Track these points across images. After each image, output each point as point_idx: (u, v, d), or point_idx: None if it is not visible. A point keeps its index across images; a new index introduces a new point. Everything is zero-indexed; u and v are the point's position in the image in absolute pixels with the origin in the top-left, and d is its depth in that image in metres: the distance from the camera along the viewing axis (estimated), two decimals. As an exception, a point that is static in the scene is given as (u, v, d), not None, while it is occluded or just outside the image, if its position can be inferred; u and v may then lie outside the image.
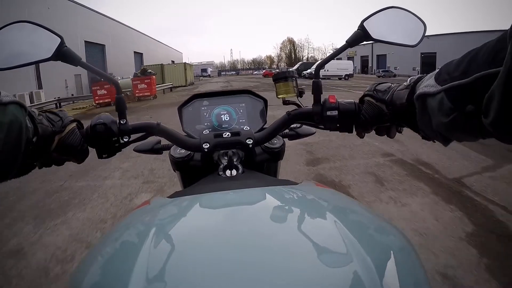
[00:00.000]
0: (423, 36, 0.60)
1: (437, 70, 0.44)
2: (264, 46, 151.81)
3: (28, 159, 0.50)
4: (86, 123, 0.61)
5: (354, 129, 0.64)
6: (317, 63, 0.66)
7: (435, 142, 0.50)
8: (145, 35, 35.28)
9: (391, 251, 0.36)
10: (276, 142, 0.76)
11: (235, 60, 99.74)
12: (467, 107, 0.36)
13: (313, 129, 0.78)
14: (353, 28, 0.61)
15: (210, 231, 0.38)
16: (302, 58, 77.71)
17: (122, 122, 0.60)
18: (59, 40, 0.54)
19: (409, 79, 0.53)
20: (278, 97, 0.68)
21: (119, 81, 0.63)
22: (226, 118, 0.77)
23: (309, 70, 32.59)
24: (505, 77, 0.29)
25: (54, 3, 16.71)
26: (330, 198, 0.52)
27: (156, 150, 0.79)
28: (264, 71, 53.26)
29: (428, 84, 0.43)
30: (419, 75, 0.51)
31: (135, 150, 0.78)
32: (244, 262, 0.31)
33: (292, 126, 0.77)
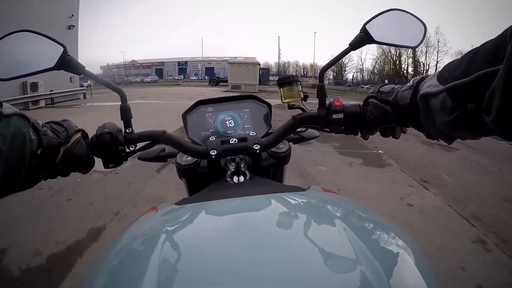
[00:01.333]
0: (424, 36, 0.61)
1: (439, 70, 0.45)
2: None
3: (33, 171, 0.48)
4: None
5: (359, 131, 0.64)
6: (322, 67, 0.66)
7: (439, 141, 0.50)
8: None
9: (402, 258, 0.36)
10: (282, 146, 0.76)
11: (285, 62, 64.09)
12: (468, 105, 0.37)
13: (317, 132, 0.79)
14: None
15: (221, 238, 0.38)
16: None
17: (128, 131, 0.60)
18: (62, 49, 0.53)
19: (412, 79, 0.53)
20: (283, 102, 0.69)
21: None
22: (231, 124, 0.77)
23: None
24: (505, 75, 0.29)
25: None
26: (338, 204, 0.52)
27: (161, 158, 0.78)
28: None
29: (431, 84, 0.44)
30: (423, 75, 0.52)
31: (140, 158, 0.78)
32: (255, 270, 0.31)
33: (297, 130, 0.77)
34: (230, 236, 0.39)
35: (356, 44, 0.61)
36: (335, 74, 53.07)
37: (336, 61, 0.66)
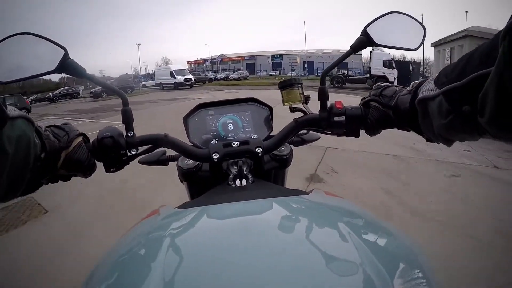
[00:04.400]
0: (423, 39, 0.61)
1: (437, 74, 0.45)
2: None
3: (36, 176, 0.47)
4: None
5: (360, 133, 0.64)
6: (323, 70, 0.67)
7: (439, 143, 0.50)
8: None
9: (405, 261, 0.36)
10: (284, 149, 0.76)
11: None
12: (463, 108, 0.37)
13: (318, 135, 0.79)
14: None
15: (224, 243, 0.38)
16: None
17: (129, 134, 0.59)
18: (63, 52, 0.52)
19: (412, 83, 0.53)
20: (284, 105, 0.69)
21: None
22: (232, 127, 0.77)
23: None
24: (497, 77, 0.30)
25: None
26: (340, 207, 0.52)
27: (162, 161, 0.78)
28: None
29: (428, 88, 0.45)
30: (422, 79, 0.52)
31: (140, 162, 0.77)
32: (260, 274, 0.31)
33: (298, 132, 0.77)
34: (234, 240, 0.38)
35: (357, 46, 0.62)
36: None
37: (337, 64, 0.66)
